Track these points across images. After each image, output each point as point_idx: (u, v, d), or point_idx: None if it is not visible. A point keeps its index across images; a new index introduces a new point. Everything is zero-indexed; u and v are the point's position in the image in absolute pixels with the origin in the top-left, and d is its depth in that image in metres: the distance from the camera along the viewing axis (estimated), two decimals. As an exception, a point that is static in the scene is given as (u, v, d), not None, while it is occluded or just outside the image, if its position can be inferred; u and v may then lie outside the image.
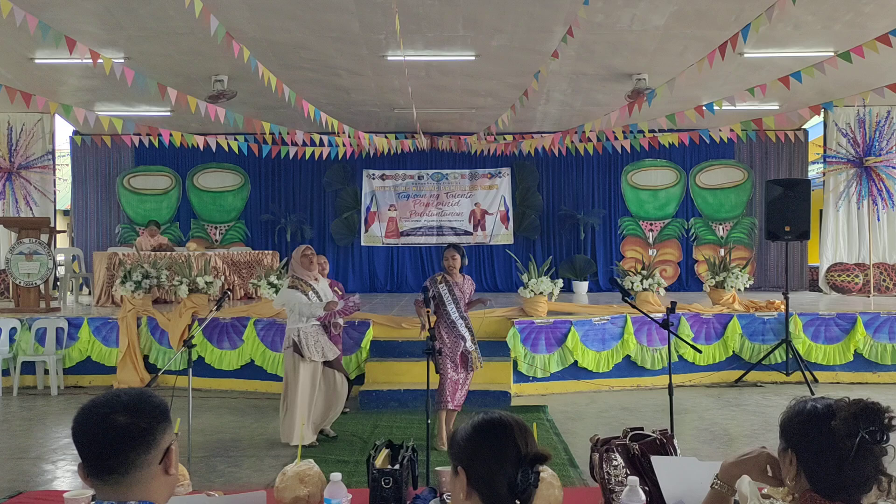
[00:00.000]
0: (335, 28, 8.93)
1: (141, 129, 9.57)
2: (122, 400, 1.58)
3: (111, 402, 1.57)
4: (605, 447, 2.57)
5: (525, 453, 1.65)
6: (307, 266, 6.29)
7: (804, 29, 8.84)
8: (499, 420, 1.72)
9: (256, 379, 8.70)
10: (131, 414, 1.56)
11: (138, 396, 1.60)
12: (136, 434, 1.55)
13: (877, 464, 1.63)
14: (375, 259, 14.21)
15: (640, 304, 8.84)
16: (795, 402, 1.77)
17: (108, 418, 1.54)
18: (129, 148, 13.65)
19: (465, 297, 6.31)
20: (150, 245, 11.63)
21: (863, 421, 1.61)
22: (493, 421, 1.72)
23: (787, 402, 1.80)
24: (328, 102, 11.72)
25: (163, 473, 1.60)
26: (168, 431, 1.62)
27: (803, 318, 9.06)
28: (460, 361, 6.19)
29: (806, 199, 9.07)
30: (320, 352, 6.10)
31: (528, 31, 8.97)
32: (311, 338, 6.08)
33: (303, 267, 6.28)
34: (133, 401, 1.58)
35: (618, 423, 7.06)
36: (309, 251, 6.36)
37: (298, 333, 6.07)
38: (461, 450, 1.69)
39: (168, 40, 9.28)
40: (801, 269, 13.73)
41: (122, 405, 1.57)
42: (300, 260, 6.30)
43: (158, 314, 9.04)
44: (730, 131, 10.34)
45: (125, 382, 8.68)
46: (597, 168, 14.27)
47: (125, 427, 1.54)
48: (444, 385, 6.18)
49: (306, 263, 6.29)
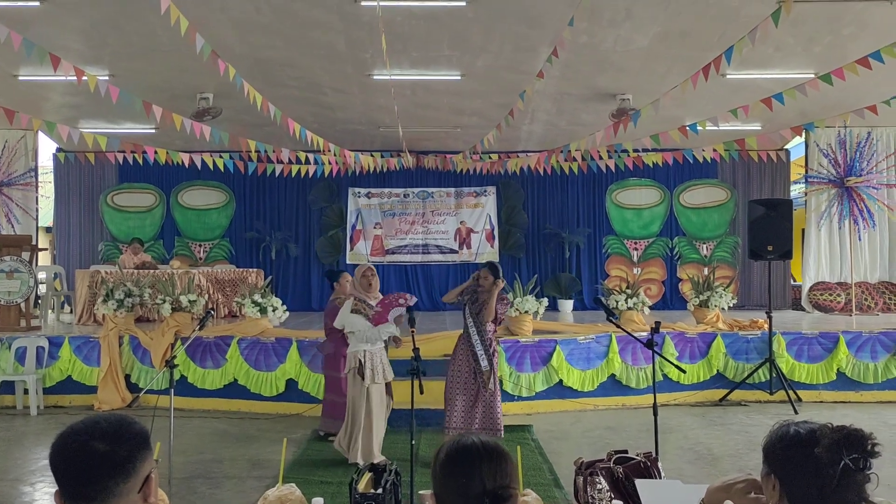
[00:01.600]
0: (321, 46, 8.94)
1: (125, 146, 9.51)
2: (101, 427, 1.56)
3: (90, 428, 1.55)
4: (589, 470, 2.57)
5: (489, 488, 1.63)
6: (366, 287, 6.09)
7: (785, 51, 8.95)
8: (467, 449, 1.71)
9: (240, 398, 8.62)
10: (111, 441, 1.53)
11: (118, 423, 1.58)
12: (116, 462, 1.52)
13: (859, 491, 1.63)
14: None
15: (625, 323, 8.86)
16: (779, 427, 1.77)
17: (87, 445, 1.52)
18: (112, 165, 13.60)
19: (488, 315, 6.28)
20: (133, 263, 11.55)
21: (846, 448, 1.61)
22: (462, 450, 1.71)
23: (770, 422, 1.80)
24: (314, 120, 11.72)
25: (142, 502, 1.58)
26: (148, 459, 1.60)
27: (786, 336, 9.11)
28: (474, 381, 6.15)
29: (788, 219, 9.15)
30: (381, 373, 5.99)
31: (514, 51, 9.03)
32: (377, 359, 5.96)
33: (362, 287, 6.10)
34: (113, 428, 1.56)
35: (603, 442, 7.04)
36: (370, 272, 6.15)
37: (364, 355, 5.93)
38: (433, 475, 1.71)
39: (153, 57, 9.25)
40: (784, 287, 13.82)
41: (101, 432, 1.54)
42: (360, 281, 6.12)
43: (141, 333, 8.96)
44: (713, 151, 10.42)
45: (106, 402, 8.58)
46: (581, 187, 14.34)
47: (104, 455, 1.51)
48: (447, 405, 6.16)
49: (365, 284, 6.09)
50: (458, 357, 6.30)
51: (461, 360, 6.26)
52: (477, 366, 6.19)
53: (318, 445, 6.91)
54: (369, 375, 5.89)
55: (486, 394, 6.21)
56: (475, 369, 6.20)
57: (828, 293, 12.71)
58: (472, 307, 6.31)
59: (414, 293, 12.32)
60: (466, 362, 6.22)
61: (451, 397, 6.23)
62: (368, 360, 5.91)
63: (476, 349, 6.17)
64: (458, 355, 6.29)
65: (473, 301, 6.32)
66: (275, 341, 8.69)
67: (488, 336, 6.30)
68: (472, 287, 6.36)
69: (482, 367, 6.18)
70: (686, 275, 12.85)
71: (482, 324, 6.26)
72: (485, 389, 6.20)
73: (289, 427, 7.74)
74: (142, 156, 9.76)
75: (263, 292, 9.28)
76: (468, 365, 6.21)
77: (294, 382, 8.51)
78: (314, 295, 14.16)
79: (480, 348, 6.18)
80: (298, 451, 6.77)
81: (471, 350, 6.23)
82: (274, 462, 6.19)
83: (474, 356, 6.19)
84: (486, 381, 6.19)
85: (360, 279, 6.09)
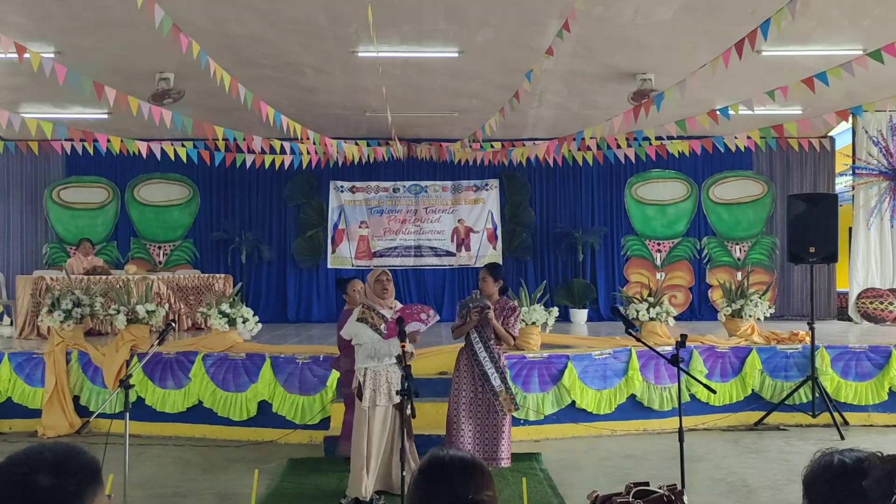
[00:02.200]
0: (298, 20, 8.94)
1: (74, 133, 9.50)
2: (45, 457, 1.55)
3: (33, 459, 1.55)
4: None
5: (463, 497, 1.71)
6: (380, 293, 6.02)
7: (829, 24, 8.97)
8: (437, 462, 1.78)
9: (205, 423, 8.60)
10: (57, 474, 1.53)
11: (65, 454, 1.58)
12: (62, 498, 1.52)
13: (912, 529, 1.63)
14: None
15: (647, 336, 8.87)
16: (821, 456, 1.78)
17: (30, 479, 1.52)
18: (59, 156, 13.58)
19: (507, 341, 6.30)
20: (82, 267, 11.53)
21: (899, 480, 1.61)
22: (432, 462, 1.79)
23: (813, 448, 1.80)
24: (290, 104, 11.71)
25: (92, 542, 1.58)
26: (99, 494, 1.60)
27: (831, 351, 9.12)
28: (483, 404, 6.15)
29: (833, 217, 9.16)
30: (386, 393, 5.89)
31: (519, 24, 9.03)
32: (382, 378, 5.89)
33: (375, 294, 6.04)
34: (59, 459, 1.56)
35: (621, 472, 7.03)
36: (384, 276, 6.10)
37: (365, 374, 5.90)
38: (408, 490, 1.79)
39: (106, 33, 9.24)
40: (829, 295, 13.85)
41: (45, 464, 1.54)
42: (373, 286, 6.08)
43: (91, 348, 8.93)
44: (747, 139, 10.44)
45: (52, 428, 8.55)
46: (597, 180, 14.37)
47: (49, 490, 1.51)
48: (450, 430, 6.15)
49: (379, 290, 6.04)
50: (462, 376, 6.27)
51: (465, 380, 6.24)
52: (486, 385, 6.17)
53: (295, 477, 6.90)
54: (369, 397, 5.84)
55: (500, 418, 6.20)
56: (483, 389, 6.18)
57: (878, 301, 12.74)
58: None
59: (405, 301, 12.35)
60: (471, 381, 6.20)
61: (456, 423, 6.21)
62: (370, 380, 5.87)
63: (485, 367, 6.15)
64: (461, 374, 6.27)
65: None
66: (245, 358, 8.67)
67: (496, 349, 6.28)
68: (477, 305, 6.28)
69: (494, 386, 6.16)
70: (716, 280, 12.85)
71: (489, 337, 6.25)
72: (505, 413, 6.19)
73: (262, 456, 7.72)
74: (92, 145, 9.76)
75: (232, 301, 9.27)
76: (473, 384, 6.19)
77: (268, 405, 8.50)
78: (290, 304, 14.17)
79: (490, 365, 6.16)
80: (272, 483, 6.75)
81: (477, 367, 6.21)
82: (244, 496, 6.17)
83: (483, 375, 6.16)
84: (505, 404, 6.17)
85: (374, 284, 6.06)
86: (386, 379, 5.91)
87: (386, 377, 5.92)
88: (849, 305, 13.14)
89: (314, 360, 8.45)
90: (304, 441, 8.24)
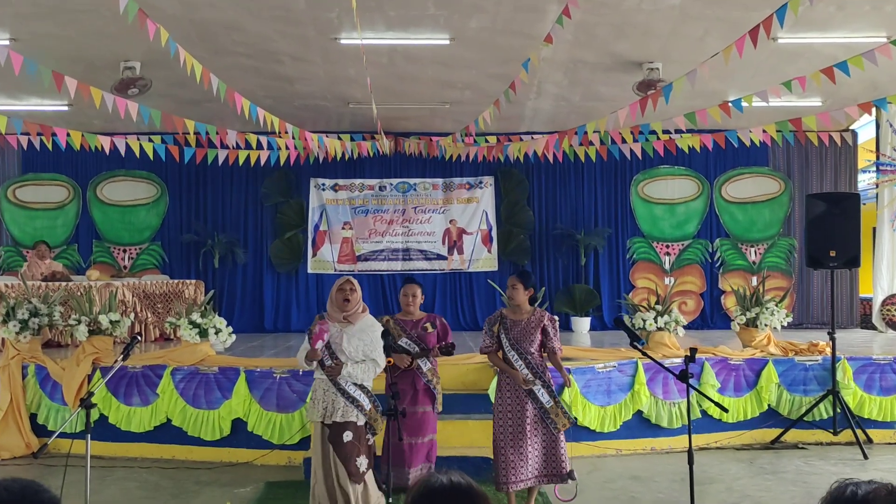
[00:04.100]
0: (276, 5, 8.95)
1: (31, 127, 9.46)
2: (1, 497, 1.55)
3: (-12, 500, 1.54)
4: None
5: None
6: (340, 303, 6.00)
7: (851, 9, 9.02)
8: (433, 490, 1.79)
9: (174, 443, 8.57)
10: (15, 518, 1.53)
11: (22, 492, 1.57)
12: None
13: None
14: (325, 290, 14.06)
15: (654, 348, 8.88)
16: (836, 487, 1.78)
17: (-16, 524, 1.51)
18: (14, 151, 13.51)
19: (532, 340, 6.24)
20: (39, 273, 11.49)
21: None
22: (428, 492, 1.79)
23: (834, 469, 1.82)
24: (266, 95, 11.71)
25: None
26: (60, 536, 1.59)
27: (854, 363, 9.14)
28: (533, 424, 6.12)
29: (855, 217, 9.19)
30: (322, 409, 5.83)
31: (515, 9, 9.06)
32: (319, 391, 5.89)
33: (336, 304, 6.03)
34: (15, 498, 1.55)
35: (627, 496, 7.06)
36: (348, 285, 6.05)
37: (315, 384, 5.98)
38: None
39: (65, 18, 9.23)
40: (851, 302, 13.90)
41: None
42: (335, 294, 6.07)
43: (50, 362, 8.90)
44: (762, 133, 10.45)
45: (6, 449, 8.51)
46: (600, 177, 14.40)
47: (6, 536, 1.51)
48: (499, 457, 6.12)
49: (339, 300, 6.01)
50: (506, 397, 6.23)
51: (510, 401, 6.20)
52: (535, 404, 6.15)
53: (272, 502, 6.89)
54: (309, 408, 5.95)
55: (555, 434, 6.17)
56: (531, 408, 6.15)
57: (904, 308, 12.80)
58: (509, 335, 6.26)
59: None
60: (517, 402, 6.17)
61: (504, 449, 6.17)
62: (313, 390, 5.95)
63: (530, 383, 6.13)
64: (504, 395, 6.22)
65: (509, 328, 6.26)
66: (218, 372, 8.65)
67: (537, 361, 6.24)
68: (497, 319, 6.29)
69: (543, 403, 6.14)
70: (730, 286, 12.88)
71: (527, 352, 6.20)
72: (557, 430, 6.17)
73: (236, 479, 7.70)
74: (51, 139, 9.70)
75: (204, 310, 9.25)
76: (521, 404, 6.16)
77: (242, 423, 8.47)
78: (267, 313, 14.15)
79: (534, 381, 6.15)
80: (248, 509, 6.75)
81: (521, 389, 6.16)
82: (217, 523, 6.17)
83: (528, 392, 6.14)
84: (558, 420, 6.15)
85: (336, 293, 6.04)
86: (322, 393, 5.86)
87: (323, 391, 5.86)
88: (872, 313, 13.18)
89: (293, 374, 8.42)
90: (283, 463, 8.21)
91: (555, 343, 6.24)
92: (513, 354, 6.17)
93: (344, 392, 5.78)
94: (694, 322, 13.75)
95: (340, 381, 5.79)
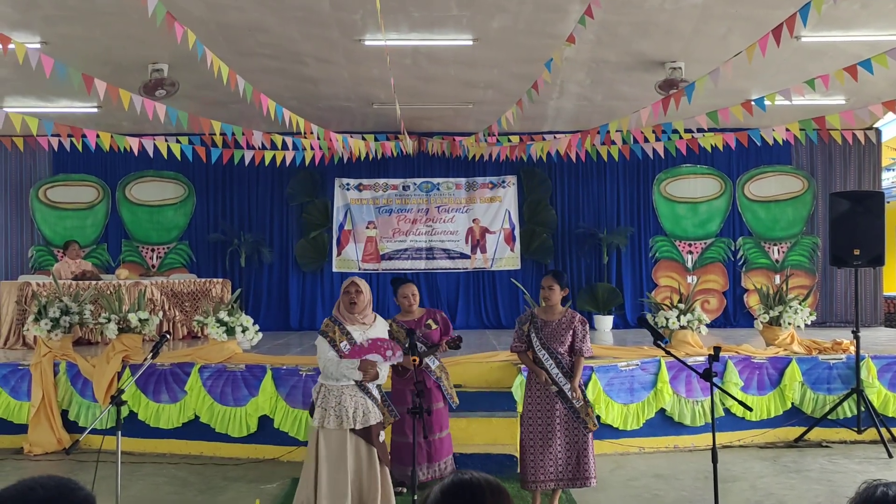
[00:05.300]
0: (300, 6, 8.97)
1: (61, 129, 9.54)
2: (37, 495, 1.55)
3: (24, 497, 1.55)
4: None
5: None
6: (347, 306, 5.85)
7: (875, 8, 8.93)
8: (468, 484, 1.79)
9: (202, 440, 8.63)
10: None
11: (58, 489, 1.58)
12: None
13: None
14: (350, 289, 14.19)
15: (677, 346, 8.84)
16: (866, 487, 1.77)
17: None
18: (46, 152, 13.64)
19: (563, 340, 6.20)
20: (70, 272, 11.59)
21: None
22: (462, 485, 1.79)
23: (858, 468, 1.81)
24: (291, 97, 11.75)
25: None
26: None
27: (878, 361, 9.07)
28: (562, 424, 6.12)
29: (879, 216, 9.11)
30: (344, 416, 5.66)
31: (537, 9, 9.03)
32: (332, 398, 5.69)
33: (343, 307, 5.88)
34: (51, 495, 1.56)
35: (650, 494, 7.03)
36: (353, 287, 5.88)
37: (319, 390, 5.79)
38: None
39: (95, 21, 9.30)
40: (875, 300, 13.77)
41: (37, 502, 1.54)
42: (342, 297, 5.92)
43: (81, 359, 8.98)
44: (785, 132, 10.37)
45: (39, 445, 8.60)
46: (623, 176, 14.34)
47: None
48: (526, 456, 6.13)
49: (346, 302, 5.86)
50: (535, 397, 6.22)
51: (539, 401, 6.19)
52: (565, 404, 6.14)
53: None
54: (319, 416, 5.68)
55: (583, 436, 6.17)
56: (560, 408, 6.14)
57: (929, 307, 12.67)
58: (540, 334, 6.25)
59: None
60: (546, 402, 6.16)
61: (532, 448, 6.15)
62: (321, 398, 5.71)
63: (560, 383, 6.12)
64: (533, 394, 6.22)
65: (540, 327, 6.25)
66: (245, 369, 8.69)
67: (567, 361, 6.22)
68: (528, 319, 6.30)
69: (573, 402, 6.13)
70: (753, 284, 12.79)
71: (557, 352, 6.18)
72: (587, 430, 6.17)
73: (263, 475, 7.74)
74: (81, 141, 9.78)
75: (231, 308, 9.30)
76: (550, 404, 6.15)
77: (269, 420, 8.51)
78: (293, 311, 14.20)
79: (565, 381, 6.13)
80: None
81: (552, 385, 6.15)
82: (244, 519, 6.20)
83: (560, 393, 6.13)
84: (588, 420, 6.15)
85: (343, 295, 5.92)
86: (338, 401, 5.67)
87: (338, 399, 5.68)
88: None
89: (318, 372, 8.43)
90: (308, 459, 8.24)
91: (583, 345, 6.20)
92: (543, 354, 6.16)
93: (370, 394, 5.73)
94: (717, 320, 13.67)
95: (368, 385, 5.72)
